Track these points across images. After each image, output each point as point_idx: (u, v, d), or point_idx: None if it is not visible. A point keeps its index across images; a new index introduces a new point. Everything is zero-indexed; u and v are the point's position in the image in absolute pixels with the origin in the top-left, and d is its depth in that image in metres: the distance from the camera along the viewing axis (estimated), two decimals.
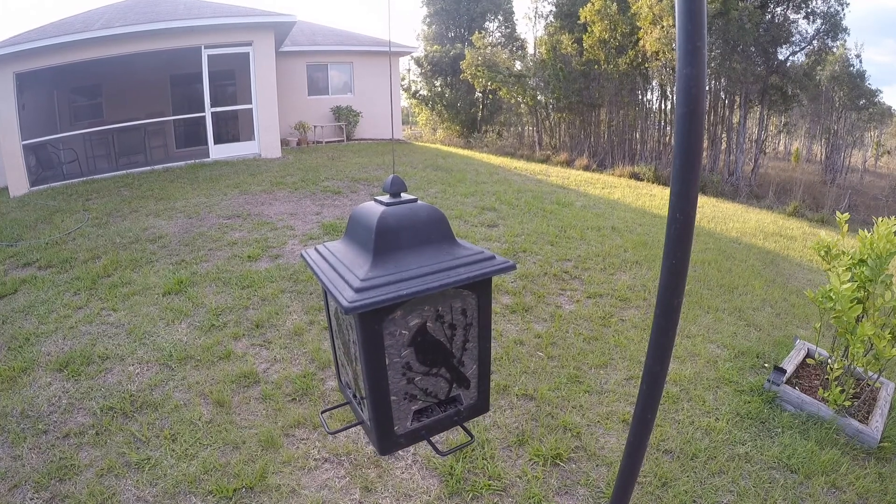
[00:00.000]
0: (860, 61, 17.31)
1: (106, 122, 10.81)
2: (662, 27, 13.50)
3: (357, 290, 0.68)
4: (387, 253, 0.74)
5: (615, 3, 14.96)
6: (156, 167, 9.48)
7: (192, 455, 2.44)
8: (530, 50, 22.17)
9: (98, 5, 11.46)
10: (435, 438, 2.53)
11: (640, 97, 17.23)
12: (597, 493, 2.31)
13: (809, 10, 13.94)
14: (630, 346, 3.64)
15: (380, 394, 0.77)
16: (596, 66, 16.34)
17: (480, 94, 21.97)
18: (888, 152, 21.67)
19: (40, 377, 3.03)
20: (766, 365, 3.49)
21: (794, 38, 14.19)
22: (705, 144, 14.26)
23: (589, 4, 15.46)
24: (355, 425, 0.93)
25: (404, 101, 23.25)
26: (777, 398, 3.04)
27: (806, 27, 14.30)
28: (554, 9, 19.08)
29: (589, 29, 15.94)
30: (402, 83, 21.48)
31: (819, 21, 14.06)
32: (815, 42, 14.38)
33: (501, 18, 23.79)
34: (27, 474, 2.30)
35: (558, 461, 2.49)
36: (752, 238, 7.46)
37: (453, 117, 22.00)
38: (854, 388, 3.03)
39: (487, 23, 23.64)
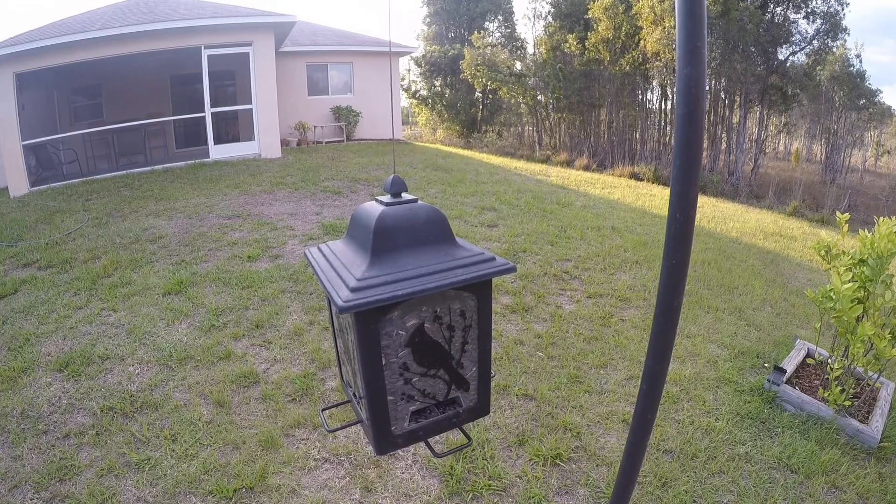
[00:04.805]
0: (860, 61, 17.34)
1: (106, 123, 10.82)
2: (664, 28, 13.50)
3: (353, 290, 0.68)
4: (385, 253, 0.74)
5: (622, 3, 14.98)
6: (156, 167, 9.48)
7: (192, 455, 2.44)
8: (530, 50, 22.19)
9: (98, 6, 11.48)
10: (434, 439, 2.54)
11: (641, 97, 17.23)
12: (597, 493, 2.31)
13: (809, 10, 13.95)
14: (630, 346, 3.64)
15: (376, 393, 0.77)
16: (597, 66, 16.33)
17: (480, 94, 21.97)
18: (888, 152, 21.67)
19: (40, 377, 3.03)
20: (766, 365, 3.49)
21: (794, 38, 14.20)
22: (705, 144, 14.27)
23: (598, 1, 15.46)
24: (354, 424, 0.93)
25: (404, 101, 23.25)
26: (777, 398, 3.04)
27: (806, 27, 14.33)
28: (552, 9, 19.09)
29: (594, 27, 15.94)
30: (402, 83, 21.48)
31: (819, 21, 14.07)
32: (815, 42, 14.39)
33: (501, 18, 23.80)
34: (27, 474, 2.30)
35: (558, 461, 2.49)
36: (752, 238, 7.46)
37: (453, 117, 21.99)
38: (854, 388, 3.03)
39: (487, 23, 23.64)
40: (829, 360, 3.07)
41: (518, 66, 20.70)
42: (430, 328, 0.78)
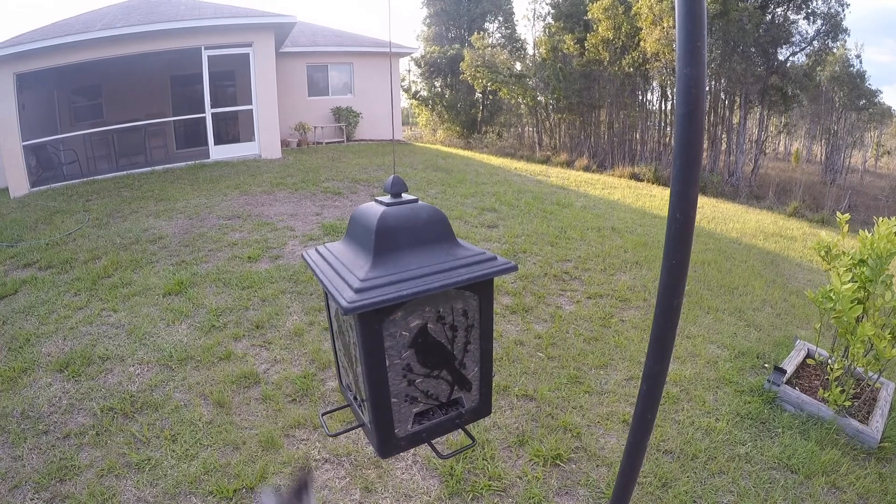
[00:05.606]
0: (860, 61, 17.34)
1: (106, 123, 10.82)
2: (662, 28, 13.51)
3: (357, 291, 0.67)
4: (387, 253, 0.74)
5: (622, 4, 15.00)
6: (156, 168, 9.48)
7: (192, 455, 2.44)
8: (530, 50, 22.20)
9: (99, 6, 11.49)
10: (436, 441, 2.54)
11: (641, 98, 17.23)
12: (597, 494, 2.31)
13: (810, 11, 13.94)
14: (630, 346, 3.64)
15: (380, 396, 0.76)
16: (597, 67, 16.34)
17: (480, 95, 21.97)
18: (888, 152, 21.67)
19: (41, 378, 3.03)
20: (766, 365, 3.49)
21: (794, 39, 14.19)
22: (705, 145, 14.27)
23: (598, 2, 15.48)
24: (356, 427, 0.92)
25: (404, 102, 23.27)
26: (777, 398, 3.04)
27: (806, 28, 14.32)
28: (552, 10, 19.10)
29: (594, 27, 15.96)
30: (402, 84, 21.48)
31: (819, 21, 14.06)
32: (815, 42, 14.38)
33: (501, 19, 23.80)
34: (27, 475, 2.30)
35: (558, 461, 2.49)
36: (752, 238, 7.46)
37: (453, 118, 22.00)
38: (854, 389, 3.03)
39: (487, 23, 23.65)
40: (829, 361, 3.08)
41: (518, 66, 20.71)
42: (433, 328, 0.78)
